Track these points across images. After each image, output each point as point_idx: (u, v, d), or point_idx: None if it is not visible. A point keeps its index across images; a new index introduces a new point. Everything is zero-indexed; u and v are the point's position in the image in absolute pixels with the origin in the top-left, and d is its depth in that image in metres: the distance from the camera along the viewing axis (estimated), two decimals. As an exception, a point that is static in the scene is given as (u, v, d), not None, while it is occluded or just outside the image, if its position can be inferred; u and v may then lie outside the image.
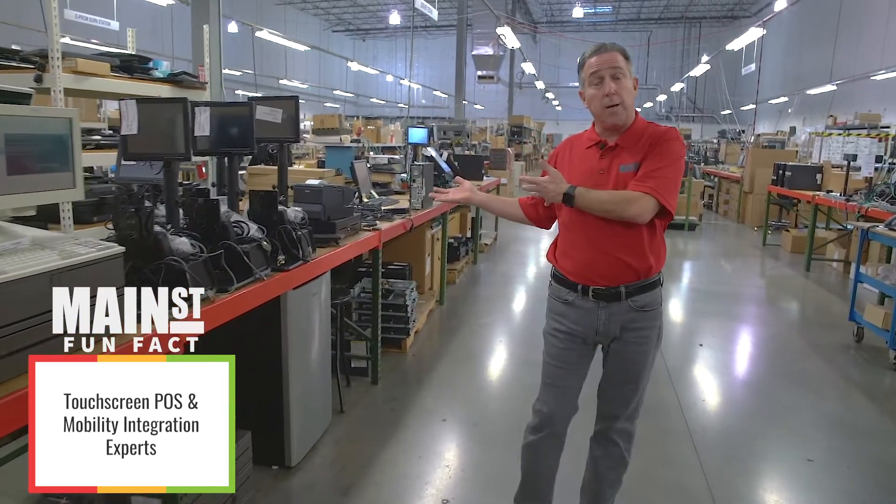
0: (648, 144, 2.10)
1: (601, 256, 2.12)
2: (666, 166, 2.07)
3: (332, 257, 3.11)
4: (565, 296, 2.24)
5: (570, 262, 2.21)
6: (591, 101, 2.13)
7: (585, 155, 2.21)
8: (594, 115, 2.18)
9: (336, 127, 6.83)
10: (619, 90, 2.08)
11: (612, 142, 2.15)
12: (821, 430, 3.67)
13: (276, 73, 26.44)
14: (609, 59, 2.10)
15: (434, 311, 5.74)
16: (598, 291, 2.16)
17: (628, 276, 2.14)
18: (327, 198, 3.31)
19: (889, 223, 5.00)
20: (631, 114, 2.16)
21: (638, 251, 2.12)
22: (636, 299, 2.16)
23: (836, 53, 21.50)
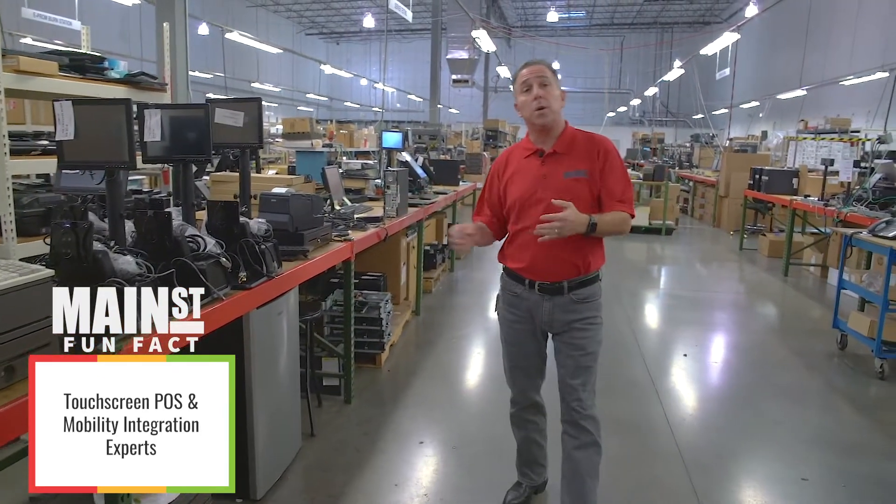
0: (595, 154, 2.38)
1: (549, 256, 2.37)
2: (627, 185, 2.42)
3: (299, 272, 2.89)
4: (514, 289, 2.52)
5: (519, 261, 2.45)
6: (522, 107, 2.40)
7: (526, 164, 2.45)
8: (526, 121, 2.44)
9: (307, 131, 6.59)
10: (545, 95, 2.34)
11: (550, 149, 2.40)
12: (813, 446, 3.53)
13: (248, 76, 26.00)
14: (536, 70, 2.38)
15: (410, 322, 5.53)
16: (542, 286, 2.43)
17: (571, 272, 2.40)
18: (295, 207, 3.09)
19: (872, 229, 4.91)
20: (559, 119, 2.42)
21: (581, 251, 2.38)
22: (578, 293, 2.42)
23: (805, 59, 21.76)
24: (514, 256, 2.49)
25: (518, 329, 2.55)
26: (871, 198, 6.65)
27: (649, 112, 36.85)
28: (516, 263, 2.48)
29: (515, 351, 2.60)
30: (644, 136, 26.61)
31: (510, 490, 2.84)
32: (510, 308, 2.56)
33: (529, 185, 2.40)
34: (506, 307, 2.59)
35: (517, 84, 2.42)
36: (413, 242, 5.84)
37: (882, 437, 3.70)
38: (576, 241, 2.33)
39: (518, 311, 2.52)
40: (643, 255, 9.88)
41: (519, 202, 2.42)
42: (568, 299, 2.41)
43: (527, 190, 2.39)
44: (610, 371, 4.54)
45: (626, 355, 4.93)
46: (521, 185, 2.42)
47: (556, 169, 2.38)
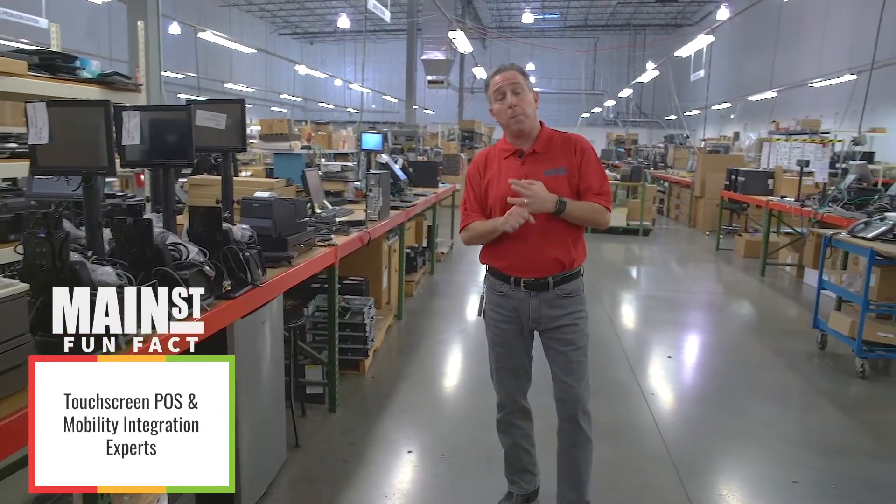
0: (573, 151, 2.45)
1: (534, 253, 2.41)
2: (604, 180, 2.48)
3: (284, 279, 2.80)
4: (500, 287, 2.53)
5: (505, 260, 2.48)
6: (497, 114, 2.46)
7: (506, 164, 2.49)
8: (502, 126, 2.49)
9: (285, 132, 6.47)
10: (519, 102, 2.40)
11: (529, 149, 2.46)
12: (800, 447, 3.53)
13: (221, 76, 25.65)
14: (509, 76, 2.43)
15: (392, 326, 5.45)
16: (528, 283, 2.46)
17: (555, 268, 2.44)
18: (278, 212, 3.00)
19: (851, 230, 4.95)
20: (534, 122, 2.47)
21: (565, 247, 2.44)
22: (562, 287, 2.46)
23: (776, 61, 22.11)
24: (498, 255, 2.52)
25: (505, 329, 2.56)
26: (846, 198, 6.74)
27: (623, 113, 37.16)
28: (501, 262, 2.51)
29: (503, 352, 2.60)
30: (618, 137, 26.84)
31: (501, 501, 2.79)
32: (496, 308, 2.57)
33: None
34: (492, 307, 2.59)
35: (491, 91, 2.47)
36: (394, 245, 5.76)
37: (867, 437, 3.72)
38: (559, 236, 2.41)
39: (504, 310, 2.54)
40: (622, 255, 9.91)
41: (501, 202, 2.44)
42: (553, 294, 2.46)
43: (508, 190, 2.39)
44: (596, 373, 4.49)
45: (611, 358, 4.91)
46: (503, 185, 2.44)
47: (536, 168, 2.44)
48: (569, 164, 2.44)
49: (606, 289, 7.41)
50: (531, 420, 2.73)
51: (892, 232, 4.72)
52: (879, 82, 15.41)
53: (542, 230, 2.38)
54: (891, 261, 4.54)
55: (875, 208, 6.00)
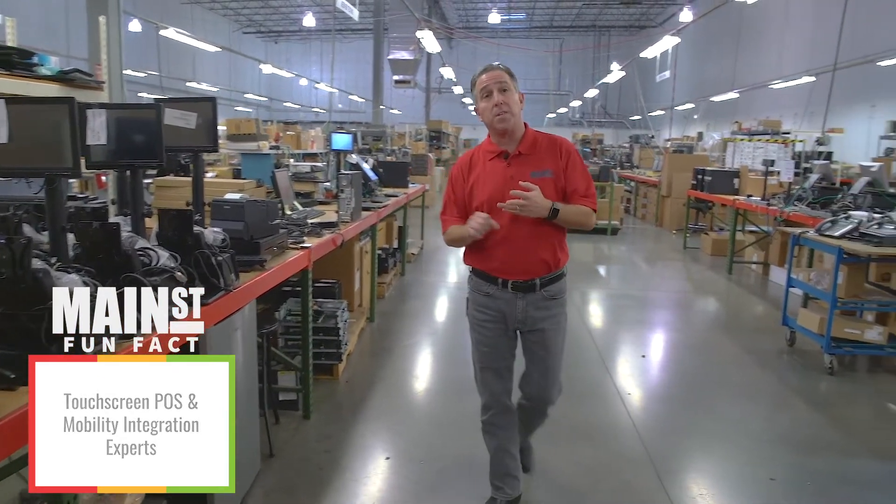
0: (559, 154, 2.48)
1: (522, 254, 2.43)
2: (590, 182, 2.51)
3: (258, 283, 2.71)
4: (486, 289, 2.54)
5: (492, 261, 2.49)
6: (483, 112, 2.46)
7: (492, 166, 2.50)
8: (487, 125, 2.49)
9: (253, 132, 6.34)
10: (505, 100, 2.41)
11: (514, 150, 2.47)
12: (775, 445, 3.55)
13: (184, 75, 25.17)
14: (496, 76, 2.44)
15: (365, 329, 5.37)
16: (516, 284, 2.48)
17: (543, 269, 2.47)
18: (250, 214, 2.91)
19: (818, 229, 5.04)
20: (519, 122, 2.48)
21: (552, 248, 2.47)
22: (548, 289, 2.50)
23: (737, 63, 22.55)
24: (484, 257, 2.52)
25: (491, 328, 2.56)
26: (810, 197, 6.86)
27: (589, 113, 37.53)
28: (488, 264, 2.52)
29: (488, 352, 2.59)
30: (584, 137, 27.09)
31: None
32: (482, 308, 2.57)
33: (498, 186, 2.44)
34: (477, 308, 2.59)
35: (477, 89, 2.49)
36: (366, 247, 5.68)
37: (838, 432, 3.77)
38: (545, 238, 2.45)
39: (490, 310, 2.55)
40: (592, 255, 9.96)
41: (488, 203, 2.44)
42: (540, 296, 2.50)
43: (496, 191, 2.43)
44: (572, 374, 4.50)
45: (586, 358, 4.90)
46: (490, 187, 2.46)
47: (522, 169, 2.45)
48: (555, 166, 2.47)
49: (578, 288, 7.43)
50: (516, 420, 2.73)
51: (857, 230, 4.82)
52: (836, 84, 15.85)
53: (531, 232, 2.42)
54: (857, 258, 4.63)
55: (839, 207, 6.12)
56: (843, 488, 3.13)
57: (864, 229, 4.77)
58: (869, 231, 4.73)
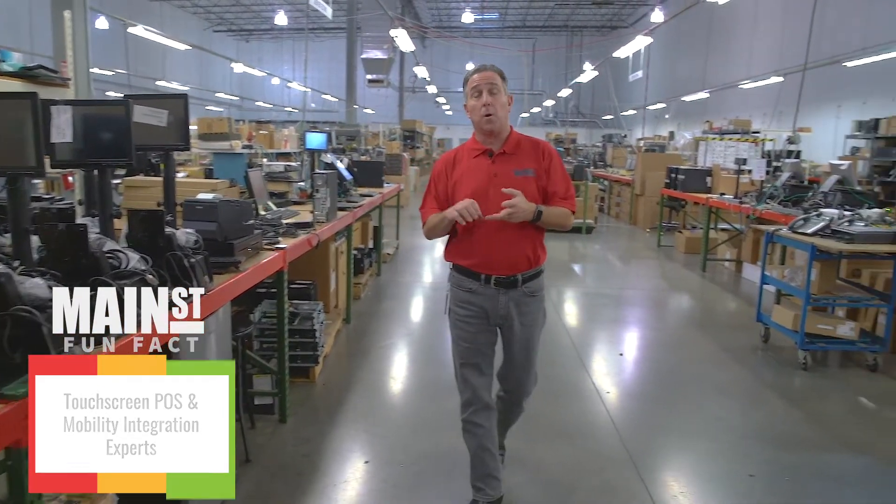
0: (541, 155, 2.58)
1: (505, 251, 2.51)
2: (569, 184, 2.62)
3: (232, 286, 2.64)
4: (469, 285, 2.59)
5: (474, 258, 2.55)
6: (472, 111, 2.55)
7: (476, 163, 2.58)
8: (474, 123, 2.57)
9: (225, 131, 6.22)
10: (493, 102, 2.49)
11: (499, 149, 2.56)
12: (753, 441, 3.58)
13: (153, 73, 24.73)
14: (488, 76, 2.52)
15: (341, 331, 5.30)
16: (499, 280, 2.55)
17: (524, 265, 2.55)
18: (224, 214, 2.83)
19: (792, 226, 5.09)
20: (505, 124, 2.57)
21: (532, 245, 2.56)
22: (528, 285, 2.58)
23: (708, 63, 22.85)
24: (467, 253, 2.58)
25: (473, 324, 2.60)
26: (782, 195, 6.96)
27: (562, 113, 37.75)
28: (471, 260, 2.57)
29: (469, 348, 2.63)
30: (558, 137, 27.24)
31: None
32: (463, 304, 2.62)
33: (481, 183, 2.53)
34: (458, 304, 2.63)
35: (468, 88, 2.57)
36: (342, 247, 5.61)
37: (814, 428, 3.81)
38: (527, 235, 2.52)
39: (472, 306, 2.59)
40: (568, 253, 9.99)
41: (471, 198, 2.47)
42: (521, 293, 2.57)
43: (479, 188, 2.51)
44: (550, 373, 4.49)
45: (564, 357, 4.90)
46: (473, 183, 2.53)
47: (506, 168, 2.54)
48: (537, 166, 2.56)
49: (555, 286, 7.43)
50: (495, 417, 2.74)
51: (829, 227, 4.88)
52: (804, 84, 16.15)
53: (513, 230, 2.49)
54: (829, 255, 4.69)
55: (810, 205, 6.21)
56: (820, 483, 3.16)
57: (835, 226, 4.84)
58: (840, 228, 4.79)
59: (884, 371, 4.69)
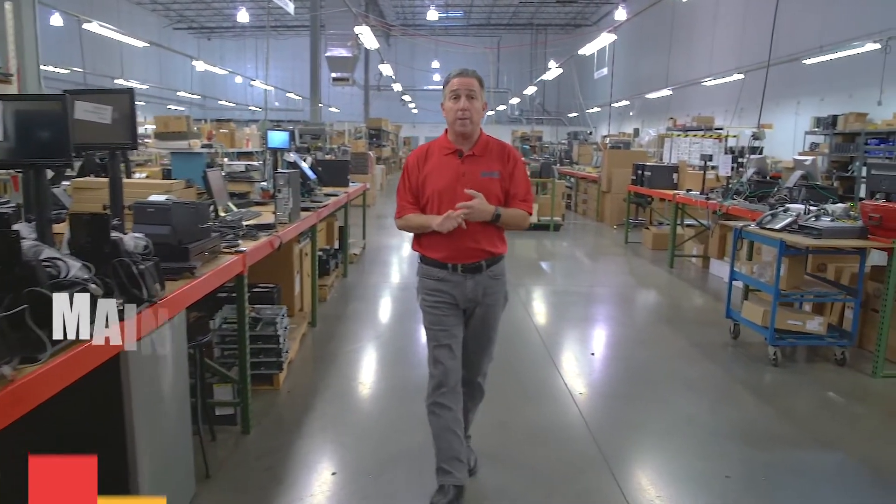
0: (506, 159, 2.78)
1: (468, 245, 2.70)
2: (529, 187, 2.86)
3: (187, 293, 2.49)
4: (437, 273, 2.77)
5: (441, 250, 2.73)
6: (448, 111, 2.72)
7: (446, 161, 2.76)
8: (448, 124, 2.75)
9: (183, 130, 6.00)
10: (470, 107, 2.67)
11: (468, 151, 2.75)
12: (727, 440, 3.54)
13: (111, 72, 24.03)
14: (467, 82, 2.69)
15: (307, 335, 5.15)
16: (465, 266, 2.75)
17: (486, 256, 2.76)
18: (177, 217, 2.67)
19: (759, 222, 5.09)
20: (477, 128, 2.77)
21: (492, 241, 2.77)
22: (492, 269, 2.79)
23: (670, 61, 23.10)
24: (434, 246, 2.76)
25: (443, 309, 2.77)
26: (748, 191, 6.99)
27: (527, 111, 37.87)
28: (438, 252, 2.75)
29: (441, 331, 2.78)
30: (523, 134, 27.28)
31: (435, 494, 2.74)
32: (433, 292, 2.79)
33: (449, 180, 2.71)
34: (429, 292, 2.80)
35: (447, 89, 2.73)
36: (306, 249, 5.45)
37: (787, 424, 3.79)
38: (486, 232, 2.73)
39: (442, 293, 2.77)
40: (536, 251, 9.95)
41: (438, 195, 2.72)
42: (486, 276, 2.76)
43: (447, 184, 2.71)
44: (523, 376, 4.42)
45: (535, 358, 4.82)
46: (442, 180, 2.73)
47: (473, 168, 2.73)
48: (502, 169, 2.77)
49: (524, 285, 7.37)
50: (461, 402, 2.84)
51: (796, 223, 4.89)
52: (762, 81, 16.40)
53: (475, 229, 2.69)
54: (797, 251, 4.70)
55: (776, 200, 6.25)
56: (796, 481, 3.13)
57: (802, 222, 4.85)
58: (808, 224, 4.81)
59: (851, 365, 4.72)
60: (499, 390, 4.10)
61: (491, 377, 4.19)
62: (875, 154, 11.76)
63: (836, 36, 13.30)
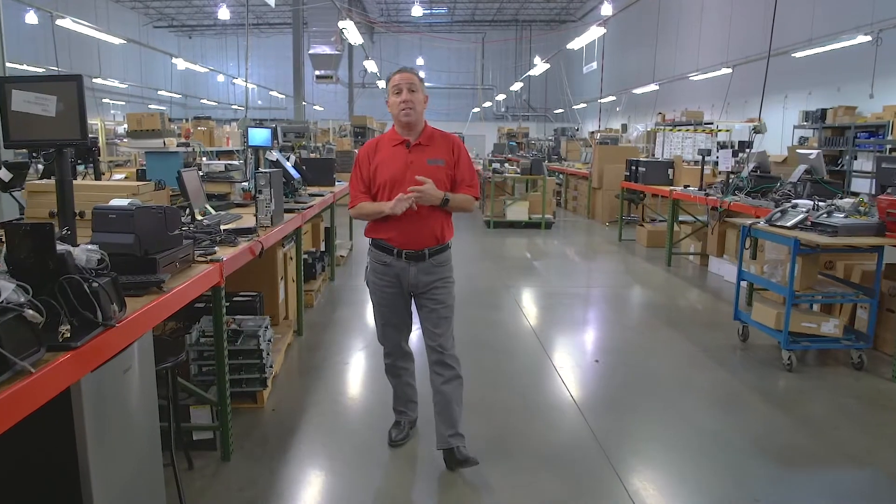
0: (451, 148, 3.02)
1: (415, 230, 2.91)
2: (474, 173, 3.09)
3: (153, 311, 2.17)
4: (384, 259, 3.02)
5: (391, 234, 2.96)
6: (392, 106, 2.96)
7: (395, 151, 2.98)
8: (393, 117, 2.99)
9: (158, 128, 5.64)
10: (411, 99, 2.91)
11: (415, 141, 2.97)
12: (750, 457, 3.27)
13: (89, 70, 23.43)
14: (407, 77, 2.94)
15: (293, 345, 4.83)
16: (408, 254, 2.97)
17: (432, 242, 2.98)
18: (142, 224, 2.36)
19: (769, 219, 4.84)
20: (421, 119, 3.00)
21: (440, 226, 2.99)
22: (436, 258, 3.01)
23: (657, 55, 22.91)
24: (383, 230, 2.99)
25: (389, 292, 3.07)
26: (749, 187, 6.75)
27: (513, 107, 37.61)
28: (385, 234, 2.98)
29: (387, 311, 3.12)
30: (510, 131, 27.04)
31: (391, 429, 3.34)
32: (380, 275, 3.06)
33: (398, 169, 2.94)
34: (376, 275, 3.08)
35: (390, 86, 2.97)
36: (291, 253, 5.13)
37: (810, 437, 3.53)
38: (433, 217, 2.95)
39: (387, 276, 3.03)
40: (529, 250, 9.68)
41: (389, 182, 2.93)
42: (429, 264, 2.99)
43: (396, 173, 2.93)
44: (525, 388, 4.14)
45: (538, 368, 4.55)
46: (391, 169, 2.95)
47: (420, 157, 2.96)
48: (447, 157, 3.01)
49: (517, 286, 7.09)
50: (413, 360, 3.36)
51: (808, 219, 4.64)
52: (752, 75, 16.24)
53: (423, 213, 2.90)
54: (812, 249, 4.44)
55: (780, 195, 6.01)
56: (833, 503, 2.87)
57: (814, 218, 4.61)
58: (820, 220, 4.56)
59: (870, 369, 4.48)
60: (499, 402, 3.82)
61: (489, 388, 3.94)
62: (865, 148, 11.61)
63: (825, 29, 13.14)
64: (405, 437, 3.31)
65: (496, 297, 6.55)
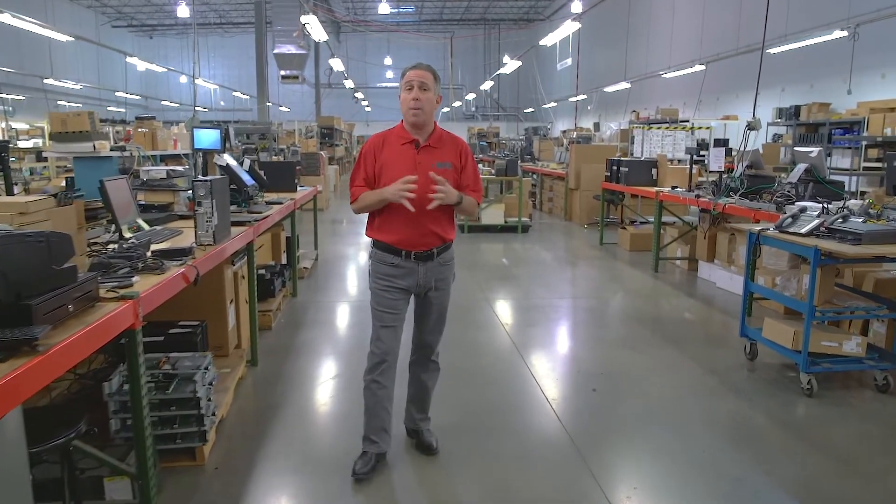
0: (459, 152, 3.00)
1: (421, 230, 2.89)
2: (478, 178, 3.11)
3: (19, 382, 1.54)
4: (391, 259, 2.94)
5: (395, 235, 2.91)
6: (402, 102, 2.90)
7: (403, 150, 2.92)
8: (403, 114, 2.93)
9: (87, 129, 4.94)
10: (422, 98, 2.85)
11: (425, 142, 2.92)
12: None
13: (39, 70, 22.28)
14: (421, 74, 2.88)
15: (245, 379, 4.20)
16: (418, 254, 2.93)
17: (437, 241, 2.96)
18: (10, 259, 1.73)
19: (779, 225, 4.35)
20: (430, 119, 2.94)
21: (443, 226, 2.98)
22: (442, 256, 3.00)
23: (628, 53, 22.61)
24: (388, 230, 2.92)
25: (394, 293, 2.96)
26: (743, 187, 6.30)
27: (482, 107, 37.14)
28: (391, 236, 2.91)
29: (388, 313, 2.97)
30: (480, 131, 26.58)
31: (357, 460, 3.01)
32: (386, 277, 2.96)
33: (406, 170, 2.81)
34: (381, 277, 2.97)
35: (403, 81, 2.88)
36: (243, 271, 4.49)
37: (850, 478, 3.02)
38: (439, 217, 2.91)
39: (394, 278, 2.94)
40: (506, 257, 9.12)
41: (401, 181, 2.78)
42: (437, 263, 2.96)
43: (405, 173, 2.79)
44: (516, 425, 3.56)
45: (528, 400, 3.97)
46: (398, 169, 2.83)
47: (428, 159, 2.89)
48: (455, 161, 2.96)
49: (497, 298, 6.53)
50: (394, 378, 3.05)
51: (822, 225, 4.16)
52: (727, 72, 15.96)
53: (430, 214, 2.81)
54: (835, 260, 3.95)
55: (780, 197, 5.55)
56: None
57: (829, 224, 4.13)
58: (836, 226, 4.08)
59: (895, 392, 4.01)
60: (490, 450, 3.21)
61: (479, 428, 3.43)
62: (841, 144, 11.34)
63: (799, 25, 12.86)
64: (370, 469, 2.97)
65: (475, 312, 5.97)
